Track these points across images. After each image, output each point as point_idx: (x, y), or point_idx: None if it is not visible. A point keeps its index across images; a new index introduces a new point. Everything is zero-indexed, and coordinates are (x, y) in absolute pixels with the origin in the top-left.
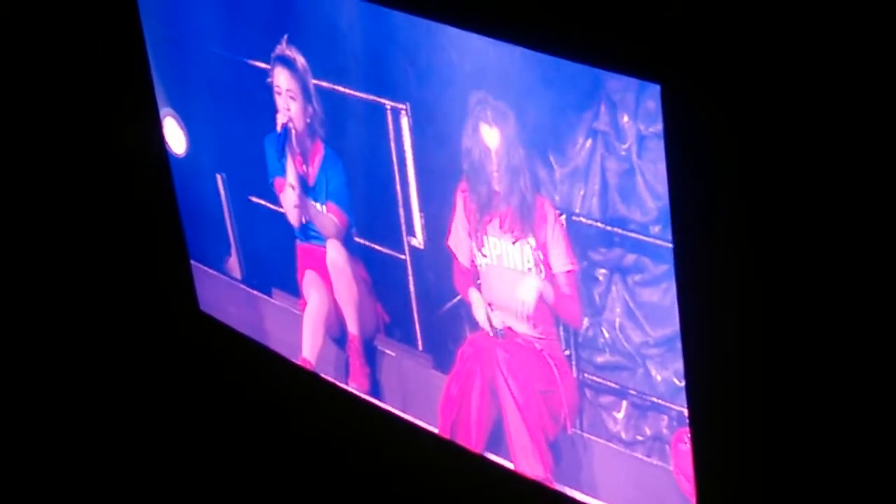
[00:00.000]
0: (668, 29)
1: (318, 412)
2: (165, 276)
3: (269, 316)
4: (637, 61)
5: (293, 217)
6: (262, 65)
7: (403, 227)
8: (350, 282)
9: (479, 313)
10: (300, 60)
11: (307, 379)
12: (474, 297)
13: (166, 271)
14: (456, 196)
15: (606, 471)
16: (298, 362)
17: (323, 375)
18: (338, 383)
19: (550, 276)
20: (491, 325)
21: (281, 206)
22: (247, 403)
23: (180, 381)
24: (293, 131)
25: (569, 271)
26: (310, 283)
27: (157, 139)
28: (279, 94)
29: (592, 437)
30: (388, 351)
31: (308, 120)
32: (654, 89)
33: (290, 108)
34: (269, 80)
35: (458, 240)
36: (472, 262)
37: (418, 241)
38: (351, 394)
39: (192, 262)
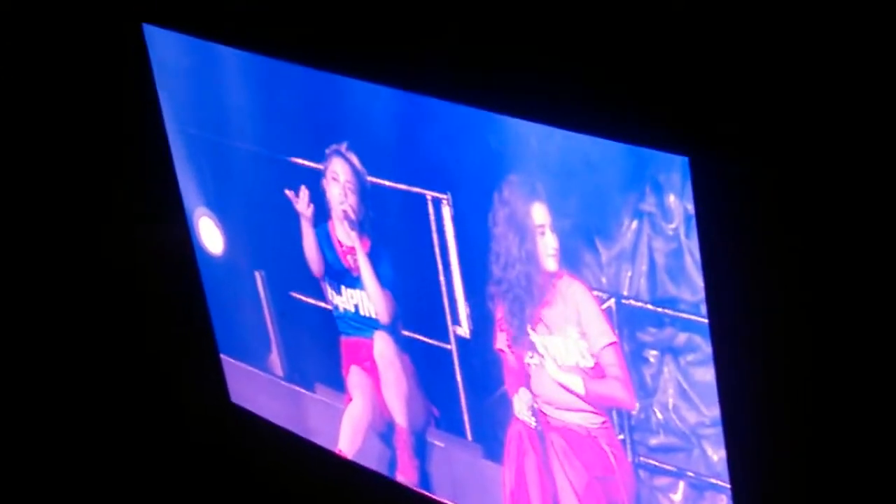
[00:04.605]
0: (694, 101)
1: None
2: (194, 368)
3: (311, 410)
4: (664, 134)
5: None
6: (303, 161)
7: (448, 317)
8: (399, 373)
9: (523, 411)
10: (353, 156)
11: (349, 470)
12: (522, 395)
13: (194, 364)
14: (496, 294)
15: None
16: (337, 452)
17: (366, 465)
18: (382, 473)
19: (597, 360)
20: (536, 420)
21: (322, 301)
22: (283, 494)
23: (214, 472)
24: (342, 222)
25: (611, 343)
26: (354, 379)
27: (183, 237)
28: (336, 183)
29: None
30: (437, 442)
31: (355, 211)
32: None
33: (346, 198)
34: (323, 171)
35: (503, 341)
36: (521, 361)
37: (464, 330)
38: (395, 483)
39: (223, 355)
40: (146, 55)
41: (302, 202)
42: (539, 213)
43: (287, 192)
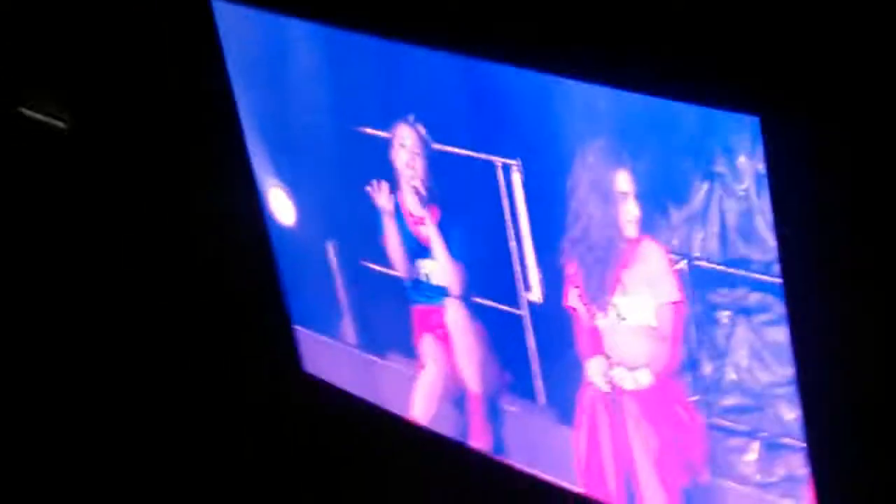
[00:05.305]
0: (764, 61)
1: (435, 469)
2: (267, 338)
3: (384, 378)
4: (734, 94)
5: (402, 268)
6: (373, 131)
7: (520, 283)
8: (471, 340)
9: (598, 377)
10: (420, 125)
11: (422, 437)
12: (596, 361)
13: (268, 334)
14: (569, 252)
15: None
16: (410, 419)
17: (439, 431)
18: (455, 439)
19: (659, 318)
20: (609, 383)
21: (393, 269)
22: (357, 462)
23: (288, 441)
24: (412, 192)
25: (672, 302)
26: (426, 347)
27: (254, 208)
28: (403, 152)
29: (724, 482)
30: (510, 408)
31: (425, 181)
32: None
33: (414, 167)
34: (391, 140)
35: (576, 301)
36: (593, 322)
37: (535, 295)
38: (468, 448)
39: (296, 326)
40: (215, 29)
41: (383, 196)
42: (619, 180)
43: (367, 188)
